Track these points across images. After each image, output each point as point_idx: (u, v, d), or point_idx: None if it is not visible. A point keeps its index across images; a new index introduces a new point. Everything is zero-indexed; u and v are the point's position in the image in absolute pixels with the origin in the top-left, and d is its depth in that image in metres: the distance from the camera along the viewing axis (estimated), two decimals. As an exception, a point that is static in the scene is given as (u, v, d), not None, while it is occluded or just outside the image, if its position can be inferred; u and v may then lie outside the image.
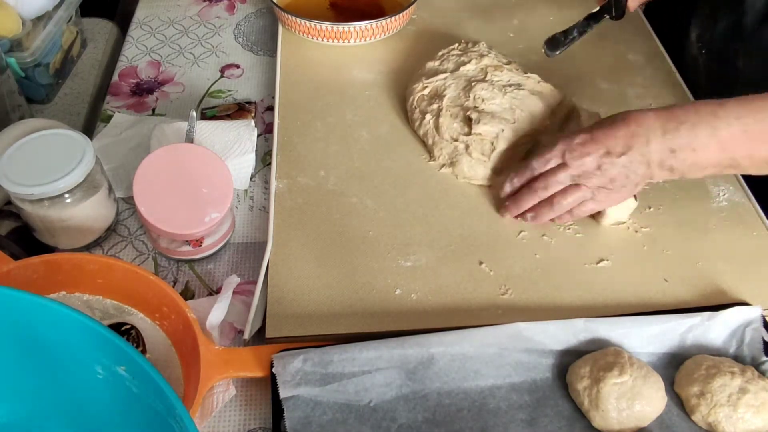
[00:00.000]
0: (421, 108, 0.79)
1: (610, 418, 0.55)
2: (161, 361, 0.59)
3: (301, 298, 0.64)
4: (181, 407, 0.42)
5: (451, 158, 0.75)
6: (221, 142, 0.75)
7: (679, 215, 0.72)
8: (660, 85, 0.87)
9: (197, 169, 0.65)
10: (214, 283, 0.68)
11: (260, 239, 0.72)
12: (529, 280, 0.66)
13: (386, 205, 0.72)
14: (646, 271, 0.67)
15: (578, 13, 0.99)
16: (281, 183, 0.74)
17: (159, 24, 1.01)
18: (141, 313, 0.61)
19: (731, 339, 0.61)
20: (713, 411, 0.55)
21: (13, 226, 0.69)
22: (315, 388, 0.55)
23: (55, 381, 0.48)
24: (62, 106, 0.93)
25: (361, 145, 0.79)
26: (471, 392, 0.57)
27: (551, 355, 0.59)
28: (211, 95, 0.89)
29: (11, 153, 0.63)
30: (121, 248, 0.71)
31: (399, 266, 0.67)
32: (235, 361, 0.58)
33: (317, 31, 0.89)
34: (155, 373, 0.43)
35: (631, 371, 0.55)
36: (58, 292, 0.61)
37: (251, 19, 1.03)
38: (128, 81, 0.91)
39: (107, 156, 0.77)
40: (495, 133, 0.73)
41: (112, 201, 0.70)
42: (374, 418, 0.55)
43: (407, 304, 0.64)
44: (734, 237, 0.70)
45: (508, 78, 0.78)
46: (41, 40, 0.87)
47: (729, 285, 0.66)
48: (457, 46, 0.85)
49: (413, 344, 0.58)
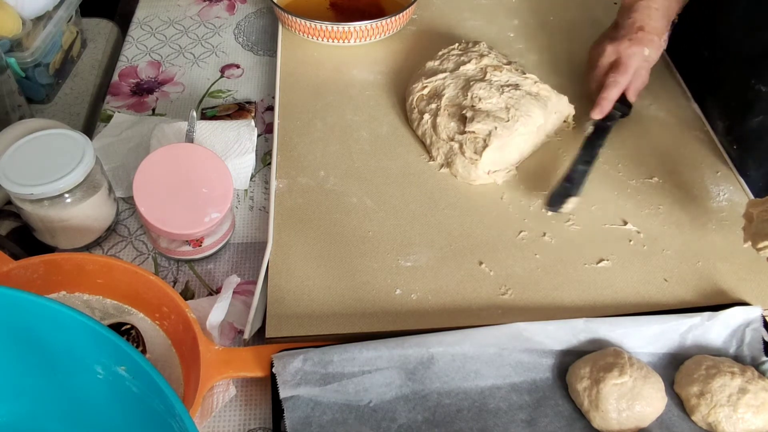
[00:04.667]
0: (419, 108, 0.79)
1: (610, 419, 0.54)
2: (161, 361, 0.59)
3: (301, 298, 0.64)
4: (181, 407, 0.42)
5: (447, 158, 0.75)
6: (221, 142, 0.75)
7: (679, 215, 0.72)
8: (660, 85, 0.87)
9: (197, 169, 0.65)
10: (214, 283, 0.68)
11: (260, 239, 0.72)
12: (529, 280, 0.66)
13: (386, 205, 0.72)
14: (646, 271, 0.67)
15: (578, 13, 0.99)
16: (281, 183, 0.74)
17: (159, 24, 1.01)
18: (141, 313, 0.61)
19: (731, 339, 0.61)
20: (713, 411, 0.55)
21: (13, 226, 0.69)
22: (315, 388, 0.55)
23: (55, 381, 0.48)
24: (62, 106, 0.93)
25: (361, 145, 0.79)
26: (471, 392, 0.57)
27: (551, 355, 0.59)
28: (211, 95, 0.89)
29: (11, 153, 0.63)
30: (121, 248, 0.71)
31: (399, 266, 0.67)
32: (235, 361, 0.58)
33: (317, 31, 0.89)
34: (155, 373, 0.43)
35: (631, 372, 0.55)
36: (58, 292, 0.61)
37: (251, 19, 1.03)
38: (128, 81, 0.91)
39: (107, 156, 0.77)
40: (487, 131, 0.73)
41: (112, 201, 0.70)
42: (374, 418, 0.55)
43: (407, 304, 0.64)
44: (734, 237, 0.70)
45: (507, 78, 0.78)
46: (41, 40, 0.87)
47: (729, 285, 0.66)
48: (457, 46, 0.85)
49: (413, 344, 0.58)
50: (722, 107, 0.84)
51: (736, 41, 0.82)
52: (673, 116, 0.83)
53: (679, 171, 0.77)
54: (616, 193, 0.74)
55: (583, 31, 0.95)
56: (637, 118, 0.82)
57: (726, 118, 0.83)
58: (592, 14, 0.99)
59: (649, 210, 0.73)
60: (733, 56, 0.82)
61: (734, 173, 0.77)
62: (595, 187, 0.74)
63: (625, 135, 0.80)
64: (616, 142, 0.79)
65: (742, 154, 0.80)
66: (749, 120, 0.80)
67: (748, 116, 0.80)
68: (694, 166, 0.77)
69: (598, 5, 1.00)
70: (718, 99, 0.84)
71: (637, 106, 0.83)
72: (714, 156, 0.79)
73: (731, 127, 0.82)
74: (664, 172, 0.76)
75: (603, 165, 0.77)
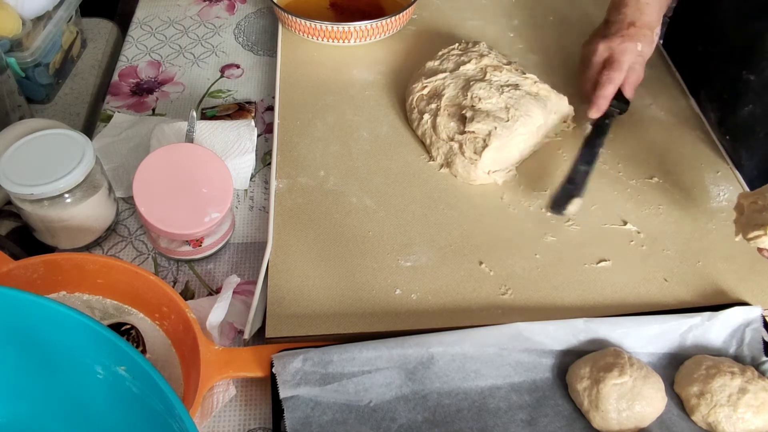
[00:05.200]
0: (419, 108, 0.79)
1: (609, 419, 0.54)
2: (161, 361, 0.59)
3: (301, 298, 0.64)
4: (181, 407, 0.42)
5: (447, 158, 0.75)
6: (221, 142, 0.75)
7: (679, 215, 0.72)
8: (660, 85, 0.87)
9: (197, 169, 0.65)
10: (214, 283, 0.68)
11: (260, 239, 0.72)
12: (529, 280, 0.66)
13: (386, 205, 0.72)
14: (646, 271, 0.67)
15: (578, 13, 0.99)
16: (281, 183, 0.74)
17: (159, 24, 1.01)
18: (141, 313, 0.61)
19: (731, 339, 0.61)
20: (713, 411, 0.55)
21: (13, 226, 0.69)
22: (315, 388, 0.55)
23: (56, 381, 0.48)
24: (62, 106, 0.93)
25: (361, 145, 0.79)
26: (471, 392, 0.57)
27: (551, 355, 0.59)
28: (211, 95, 0.89)
29: (11, 153, 0.63)
30: (121, 248, 0.71)
31: (399, 266, 0.67)
32: (235, 361, 0.58)
33: (317, 31, 0.89)
34: (155, 373, 0.43)
35: (630, 372, 0.55)
36: (58, 292, 0.61)
37: (251, 19, 1.03)
38: (128, 81, 0.91)
39: (107, 156, 0.77)
40: (487, 131, 0.73)
41: (112, 201, 0.70)
42: (374, 418, 0.55)
43: (407, 304, 0.64)
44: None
45: (507, 78, 0.78)
46: (41, 40, 0.87)
47: (729, 285, 0.66)
48: (457, 46, 0.85)
49: (413, 344, 0.58)
50: (715, 100, 0.84)
51: (728, 33, 0.82)
52: (672, 116, 0.83)
53: (679, 171, 0.77)
54: (616, 193, 0.74)
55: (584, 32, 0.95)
56: (637, 118, 0.82)
57: (718, 110, 0.83)
58: (593, 14, 0.99)
59: (649, 210, 0.73)
60: (726, 49, 0.82)
61: (734, 173, 0.77)
62: (595, 187, 0.74)
63: (624, 135, 0.80)
64: (617, 142, 0.79)
65: (735, 145, 0.80)
66: (740, 110, 0.80)
67: (738, 106, 0.80)
68: (694, 166, 0.77)
69: (598, 5, 1.00)
70: (711, 92, 0.85)
71: (637, 106, 0.83)
72: (714, 156, 0.79)
73: (724, 119, 0.83)
74: (664, 172, 0.76)
75: (603, 165, 0.77)
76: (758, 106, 0.79)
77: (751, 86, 0.78)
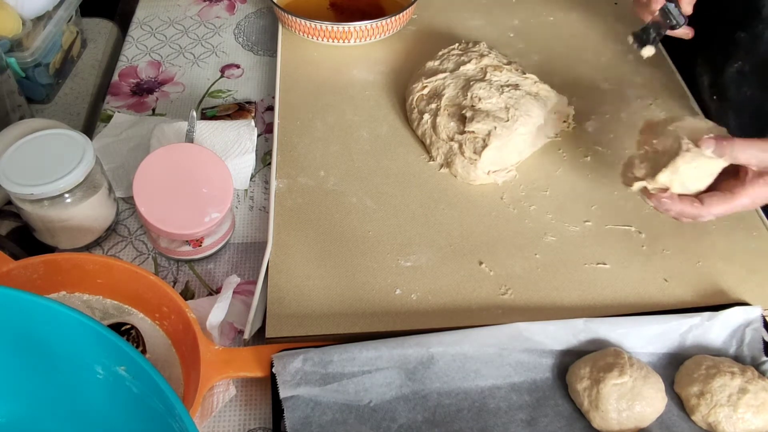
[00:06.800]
0: (419, 108, 0.79)
1: (609, 419, 0.54)
2: (161, 361, 0.59)
3: (301, 298, 0.64)
4: (181, 407, 0.42)
5: (447, 158, 0.75)
6: (221, 142, 0.75)
7: (679, 215, 0.72)
8: (660, 85, 0.87)
9: (197, 169, 0.65)
10: (214, 283, 0.68)
11: (260, 239, 0.72)
12: (529, 280, 0.66)
13: (386, 205, 0.72)
14: (646, 271, 0.67)
15: (578, 14, 0.99)
16: (281, 183, 0.74)
17: (159, 24, 1.01)
18: (141, 313, 0.61)
19: (731, 339, 0.61)
20: (713, 411, 0.55)
21: (13, 226, 0.69)
22: (315, 388, 0.55)
23: (55, 381, 0.48)
24: (62, 106, 0.93)
25: (361, 145, 0.79)
26: (471, 392, 0.57)
27: (551, 355, 0.59)
28: (211, 95, 0.89)
29: (11, 153, 0.63)
30: (121, 248, 0.71)
31: (399, 266, 0.67)
32: (235, 361, 0.58)
33: (317, 31, 0.89)
34: (155, 373, 0.43)
35: (630, 372, 0.55)
36: (58, 292, 0.61)
37: (251, 19, 1.03)
38: (128, 81, 0.91)
39: (107, 156, 0.77)
40: (487, 131, 0.73)
41: (112, 201, 0.70)
42: (374, 418, 0.55)
43: (407, 304, 0.64)
44: (734, 237, 0.70)
45: (507, 78, 0.78)
46: (41, 40, 0.87)
47: (729, 285, 0.66)
48: (457, 46, 0.85)
49: (413, 344, 0.58)
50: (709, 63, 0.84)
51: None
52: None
53: (679, 171, 0.77)
54: (616, 193, 0.74)
55: (584, 31, 0.96)
56: (637, 118, 0.82)
57: (710, 74, 0.83)
58: (593, 14, 0.99)
59: (649, 210, 0.72)
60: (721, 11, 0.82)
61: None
62: (595, 187, 0.74)
63: (625, 135, 0.80)
64: (617, 142, 0.79)
65: (722, 105, 0.80)
66: (729, 67, 0.80)
67: (728, 64, 0.80)
68: (694, 166, 0.77)
69: (598, 5, 1.00)
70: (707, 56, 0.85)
71: (637, 106, 0.83)
72: (714, 156, 0.79)
73: (714, 81, 0.82)
74: (664, 172, 0.76)
75: (602, 165, 0.77)
76: (747, 63, 0.79)
77: (741, 42, 0.78)
